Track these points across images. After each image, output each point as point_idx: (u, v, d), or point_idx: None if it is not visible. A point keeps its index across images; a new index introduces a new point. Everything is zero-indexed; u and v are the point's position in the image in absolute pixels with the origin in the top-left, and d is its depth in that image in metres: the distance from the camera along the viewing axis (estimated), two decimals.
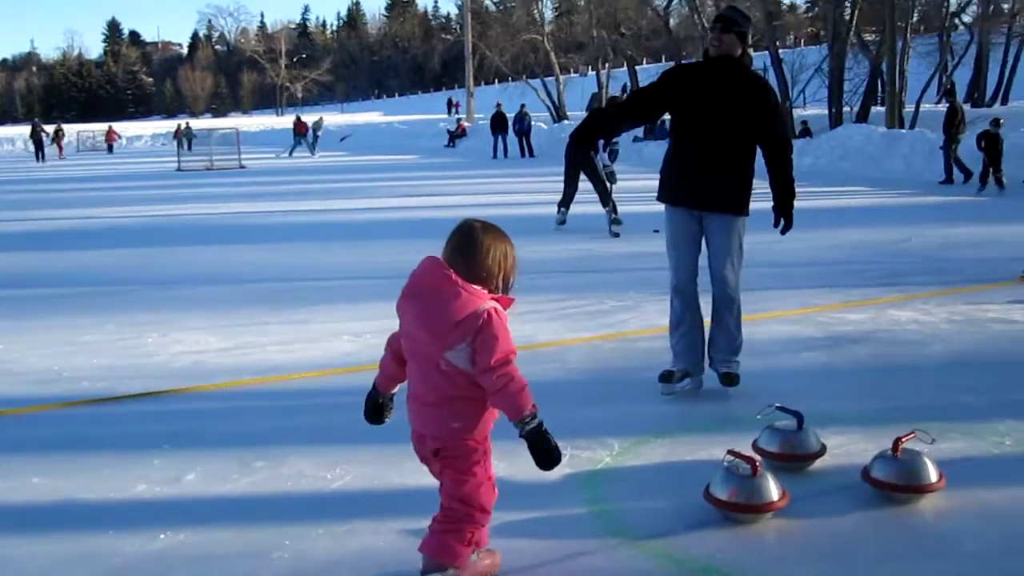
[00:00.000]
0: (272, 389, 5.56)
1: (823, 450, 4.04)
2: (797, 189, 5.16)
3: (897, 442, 3.68)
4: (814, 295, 7.71)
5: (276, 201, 18.13)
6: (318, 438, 4.62)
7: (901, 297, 7.56)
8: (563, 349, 6.26)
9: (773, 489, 3.51)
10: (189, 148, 38.37)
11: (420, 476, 4.07)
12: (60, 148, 43.48)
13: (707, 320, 5.22)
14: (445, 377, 2.88)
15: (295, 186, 21.96)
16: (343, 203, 17.21)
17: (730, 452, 3.59)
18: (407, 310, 2.91)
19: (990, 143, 16.23)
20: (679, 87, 5.02)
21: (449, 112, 59.67)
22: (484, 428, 3.01)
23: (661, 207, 5.22)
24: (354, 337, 6.69)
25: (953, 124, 18.25)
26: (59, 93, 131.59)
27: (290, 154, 36.63)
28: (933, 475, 3.64)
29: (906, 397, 5.06)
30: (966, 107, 35.26)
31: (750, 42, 5.07)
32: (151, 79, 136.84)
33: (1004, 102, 38.17)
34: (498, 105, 32.04)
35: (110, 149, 49.13)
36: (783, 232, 5.18)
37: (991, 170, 16.21)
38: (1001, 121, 16.77)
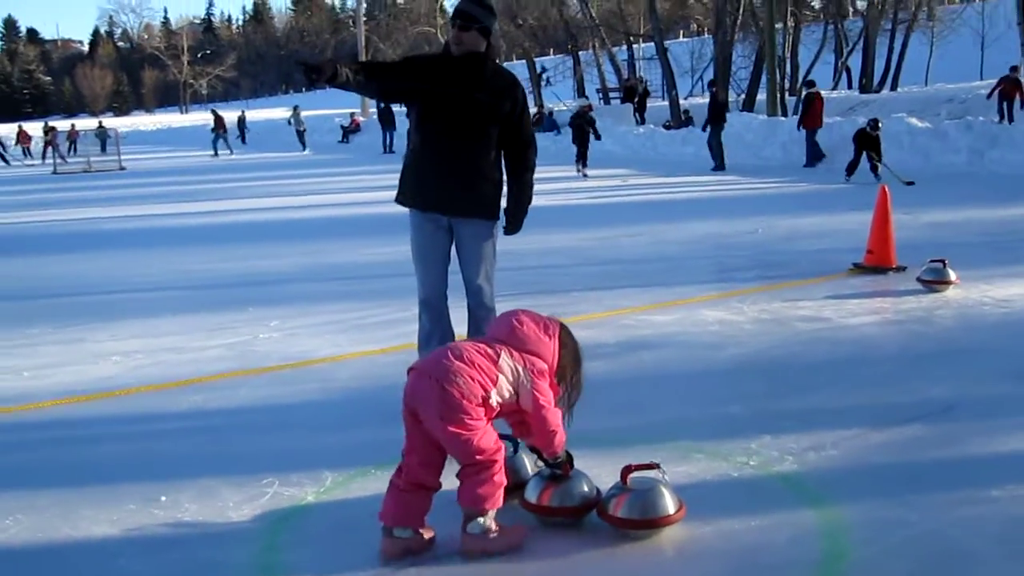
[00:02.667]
0: None
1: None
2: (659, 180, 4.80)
3: (625, 473, 3.34)
4: (630, 295, 7.35)
5: (128, 205, 17.36)
6: (5, 482, 4.10)
7: (718, 295, 7.27)
8: (336, 366, 5.79)
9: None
10: (103, 150, 34.87)
11: (91, 527, 3.62)
12: (28, 150, 37.81)
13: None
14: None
15: (161, 188, 21.12)
16: (198, 206, 16.51)
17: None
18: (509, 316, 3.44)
19: (866, 143, 16.12)
20: (425, 78, 4.54)
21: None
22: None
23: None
24: (122, 358, 6.12)
25: (715, 113, 19.71)
26: None
27: (216, 153, 34.18)
28: (671, 506, 3.29)
29: (668, 410, 4.71)
30: (854, 93, 35.80)
31: (496, 36, 4.67)
32: (49, 78, 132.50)
33: (894, 87, 38.75)
34: None
35: (25, 152, 39.23)
36: (508, 233, 4.81)
37: (868, 158, 16.08)
38: (880, 123, 16.63)
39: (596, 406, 4.78)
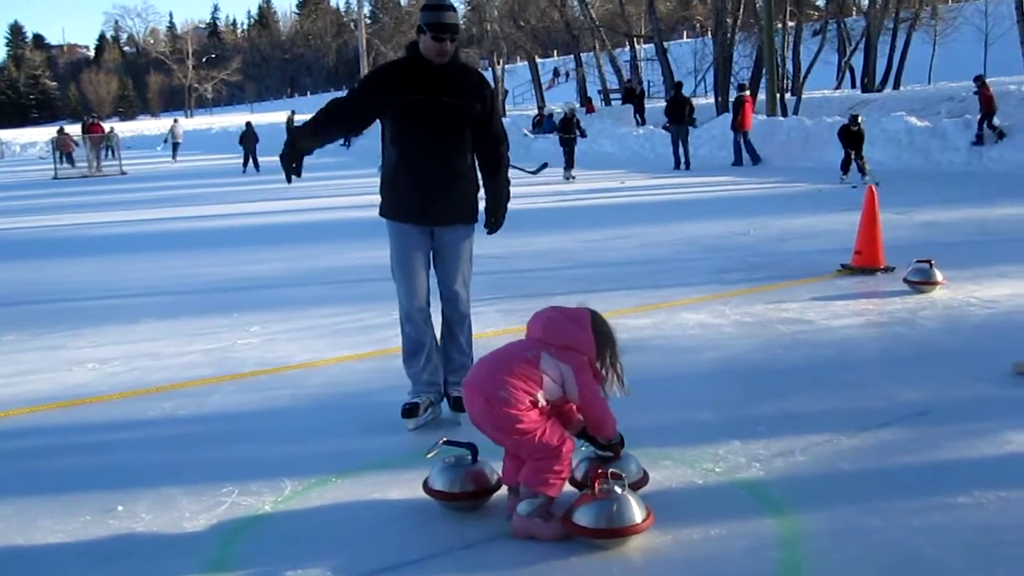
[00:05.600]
0: None
1: (499, 484, 3.59)
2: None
3: (594, 481, 3.29)
4: (612, 298, 7.26)
5: (123, 210, 17.31)
6: None
7: (702, 298, 7.19)
8: (310, 372, 5.73)
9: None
10: (112, 155, 31.86)
11: (46, 537, 3.57)
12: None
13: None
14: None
15: (158, 193, 21.09)
16: (191, 210, 16.50)
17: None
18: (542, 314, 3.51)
19: (849, 138, 16.07)
20: (393, 90, 4.46)
21: None
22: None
23: None
24: (99, 365, 6.07)
25: (682, 115, 20.60)
26: None
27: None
28: (637, 515, 3.23)
29: (637, 416, 4.57)
30: (856, 92, 35.66)
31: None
32: (55, 83, 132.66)
33: (896, 86, 38.57)
34: None
35: (66, 158, 33.39)
36: (491, 233, 4.78)
37: (853, 157, 16.03)
38: (860, 118, 16.56)
39: None
